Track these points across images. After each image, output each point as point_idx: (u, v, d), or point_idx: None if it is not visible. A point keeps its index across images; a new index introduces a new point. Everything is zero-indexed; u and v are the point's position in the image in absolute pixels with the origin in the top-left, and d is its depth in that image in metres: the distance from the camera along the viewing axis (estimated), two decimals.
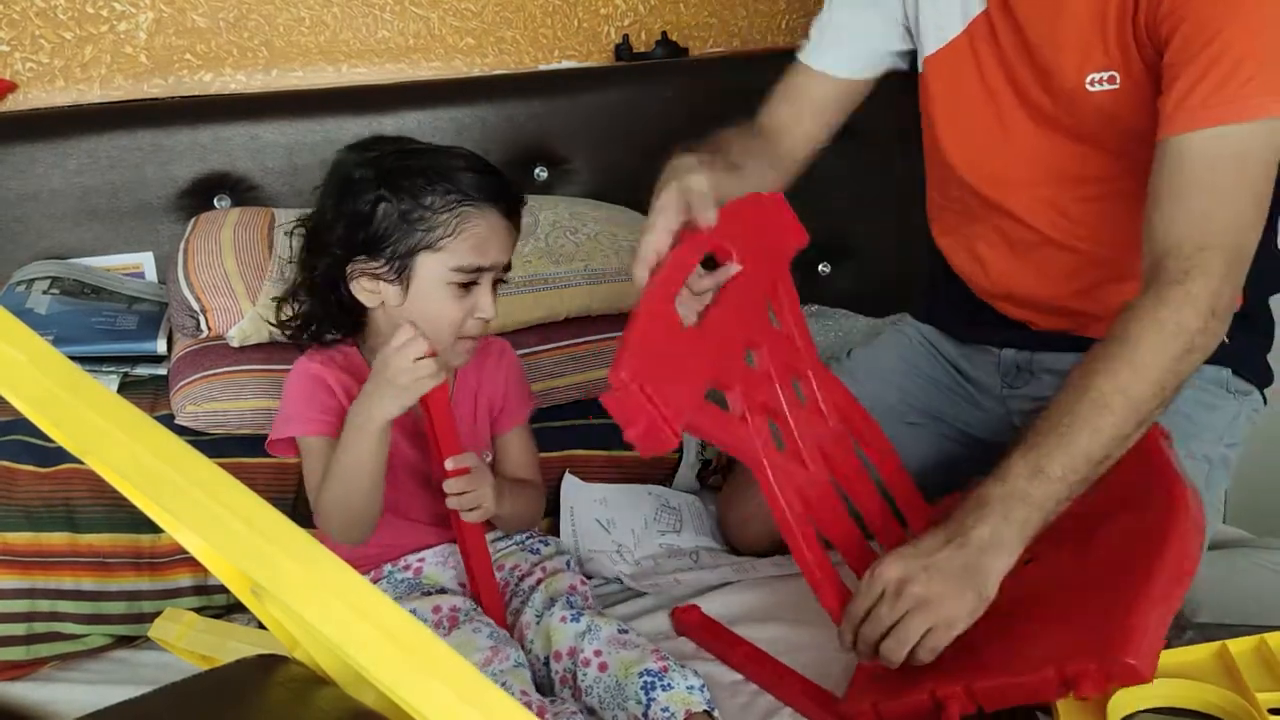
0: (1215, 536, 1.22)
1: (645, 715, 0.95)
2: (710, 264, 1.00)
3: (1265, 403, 1.24)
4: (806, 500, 1.00)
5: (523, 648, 1.06)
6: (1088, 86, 1.07)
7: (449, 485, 1.05)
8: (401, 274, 1.06)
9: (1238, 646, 0.91)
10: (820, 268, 1.86)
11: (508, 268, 1.11)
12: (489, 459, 1.18)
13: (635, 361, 0.84)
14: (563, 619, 1.04)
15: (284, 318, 1.14)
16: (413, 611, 1.04)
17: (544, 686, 1.04)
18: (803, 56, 1.26)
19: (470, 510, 1.07)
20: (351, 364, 1.12)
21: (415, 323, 1.03)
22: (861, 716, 0.95)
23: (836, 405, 1.10)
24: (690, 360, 0.92)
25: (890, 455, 1.14)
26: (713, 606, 1.20)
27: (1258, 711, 0.84)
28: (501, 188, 1.08)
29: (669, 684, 0.96)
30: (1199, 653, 0.92)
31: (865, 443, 1.12)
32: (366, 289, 1.08)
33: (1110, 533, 0.97)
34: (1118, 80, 1.05)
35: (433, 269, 1.05)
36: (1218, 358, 1.20)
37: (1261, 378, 1.24)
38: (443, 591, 1.10)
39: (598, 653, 1.01)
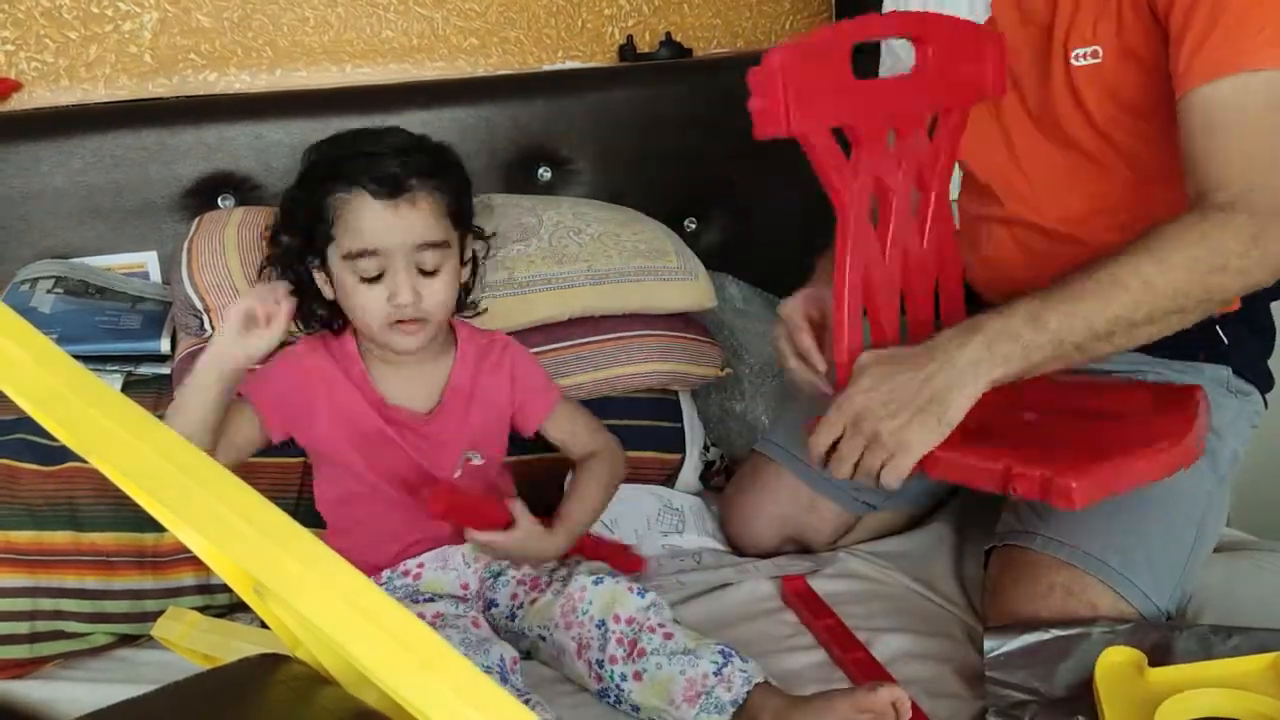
0: (1218, 539, 1.22)
1: (718, 673, 0.98)
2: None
3: (1266, 407, 1.24)
4: (868, 281, 1.02)
5: (574, 612, 1.06)
6: (1072, 61, 1.10)
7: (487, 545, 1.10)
8: (324, 267, 1.10)
9: None
10: None
11: (429, 246, 1.05)
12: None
13: (791, 57, 0.89)
14: (629, 589, 1.06)
15: None
16: None
17: (586, 646, 1.04)
18: None
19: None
20: (343, 350, 1.14)
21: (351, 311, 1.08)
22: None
23: (937, 236, 1.09)
24: (841, 89, 0.95)
25: (959, 306, 1.13)
26: (713, 607, 1.20)
27: None
28: (367, 168, 1.04)
29: (746, 657, 1.00)
30: (1253, 663, 0.90)
31: (942, 281, 1.12)
32: (321, 281, 1.11)
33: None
34: (1100, 55, 1.08)
35: (335, 259, 1.08)
36: (1218, 357, 1.20)
37: (1261, 382, 1.23)
38: (431, 599, 1.10)
39: (662, 624, 1.03)
